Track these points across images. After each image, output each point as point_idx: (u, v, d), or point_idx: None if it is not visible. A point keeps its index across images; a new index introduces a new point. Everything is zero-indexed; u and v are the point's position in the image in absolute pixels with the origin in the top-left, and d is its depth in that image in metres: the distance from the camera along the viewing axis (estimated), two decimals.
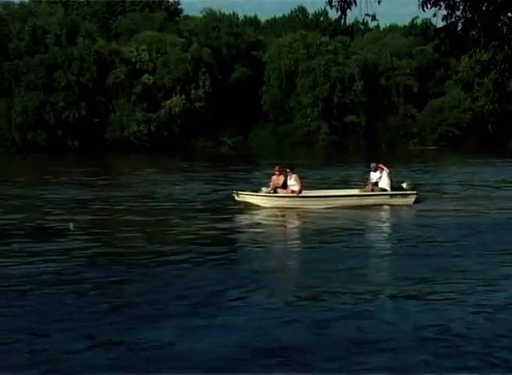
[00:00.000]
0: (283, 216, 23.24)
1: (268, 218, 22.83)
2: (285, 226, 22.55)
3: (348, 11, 8.53)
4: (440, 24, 8.53)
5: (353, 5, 8.48)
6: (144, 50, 61.28)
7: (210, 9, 71.22)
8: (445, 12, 8.40)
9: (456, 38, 8.45)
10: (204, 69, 61.98)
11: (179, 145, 59.23)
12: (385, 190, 25.40)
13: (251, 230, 20.41)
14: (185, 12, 76.47)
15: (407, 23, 76.52)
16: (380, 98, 68.84)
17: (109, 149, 57.18)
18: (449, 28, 8.42)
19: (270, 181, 24.75)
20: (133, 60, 60.78)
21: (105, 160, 50.83)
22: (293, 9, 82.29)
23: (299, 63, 65.98)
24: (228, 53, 66.65)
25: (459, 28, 8.45)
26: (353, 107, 66.65)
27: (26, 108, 55.74)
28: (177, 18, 73.82)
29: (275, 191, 24.49)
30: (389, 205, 24.98)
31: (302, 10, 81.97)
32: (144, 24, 65.30)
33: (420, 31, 9.51)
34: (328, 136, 65.88)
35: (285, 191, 24.47)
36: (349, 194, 25.70)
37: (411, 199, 25.37)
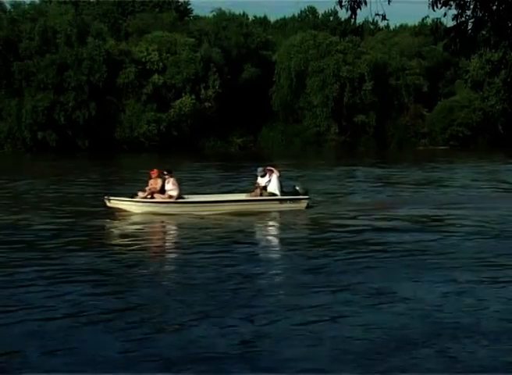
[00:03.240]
0: (157, 223, 21.37)
1: (139, 226, 20.89)
2: (154, 236, 20.34)
3: (358, 11, 8.54)
4: (450, 24, 8.54)
5: (363, 4, 8.49)
6: (153, 50, 61.33)
7: (220, 9, 71.32)
8: (455, 12, 8.40)
9: (467, 38, 8.45)
10: (213, 69, 62.00)
11: (189, 145, 59.30)
12: (274, 194, 23.47)
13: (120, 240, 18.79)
14: (195, 12, 76.61)
15: (416, 23, 76.58)
16: (390, 98, 68.74)
17: (119, 149, 57.30)
18: (460, 28, 8.42)
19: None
20: (143, 60, 60.84)
21: (116, 160, 50.93)
22: (302, 9, 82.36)
23: (309, 63, 65.92)
24: (238, 53, 66.64)
25: (469, 28, 8.44)
26: (362, 107, 66.58)
27: (36, 108, 55.87)
28: (187, 18, 73.87)
29: (152, 197, 22.53)
30: (279, 210, 23.14)
31: (312, 10, 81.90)
32: (154, 24, 65.36)
33: (430, 31, 9.49)
34: (337, 136, 65.86)
35: (162, 195, 22.52)
36: (235, 199, 23.57)
37: (303, 204, 23.50)
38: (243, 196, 23.85)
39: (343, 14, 8.63)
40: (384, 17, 8.79)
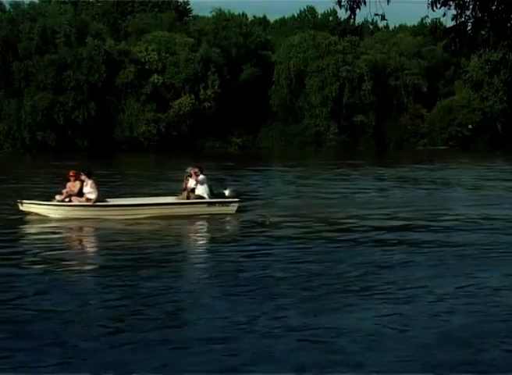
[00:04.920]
0: (74, 229, 20.13)
1: (53, 231, 19.43)
2: (68, 243, 18.91)
3: (357, 11, 8.53)
4: (450, 24, 8.53)
5: (363, 4, 8.48)
6: (153, 50, 61.35)
7: (219, 9, 71.30)
8: (454, 12, 8.39)
9: (466, 38, 8.44)
10: (213, 69, 61.99)
11: (188, 145, 59.26)
12: (202, 197, 22.38)
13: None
14: (194, 12, 76.68)
15: (416, 23, 76.67)
16: (389, 98, 68.78)
17: (118, 149, 57.29)
18: (459, 28, 8.41)
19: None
20: (143, 60, 60.85)
21: (115, 160, 50.93)
22: (302, 9, 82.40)
23: (308, 63, 65.96)
24: (237, 53, 66.65)
25: (469, 28, 8.43)
26: (362, 107, 66.61)
27: (35, 108, 55.88)
28: (186, 18, 73.90)
29: (70, 200, 21.18)
30: (207, 214, 21.98)
31: (311, 10, 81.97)
32: (154, 24, 65.36)
33: (429, 31, 9.50)
34: (337, 136, 65.88)
35: (80, 199, 21.21)
36: (160, 202, 22.36)
37: (233, 208, 22.37)
38: (169, 199, 22.60)
39: (343, 14, 8.60)
40: (383, 17, 8.79)
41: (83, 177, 21.27)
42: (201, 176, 22.47)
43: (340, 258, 15.70)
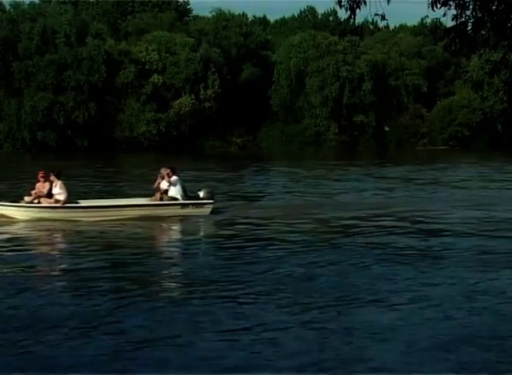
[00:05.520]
0: (41, 231, 19.39)
1: (20, 233, 18.95)
2: (36, 246, 18.16)
3: (357, 11, 8.52)
4: (450, 24, 8.52)
5: (363, 4, 8.48)
6: (153, 50, 61.34)
7: (219, 9, 71.28)
8: (454, 12, 8.38)
9: (466, 38, 8.43)
10: (213, 69, 61.99)
11: (189, 145, 59.28)
12: (175, 199, 21.84)
13: None
14: (194, 12, 76.63)
15: (416, 23, 76.64)
16: (389, 98, 68.78)
17: (119, 149, 57.28)
18: (459, 28, 8.41)
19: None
20: (143, 60, 60.84)
21: (115, 160, 50.95)
22: (302, 9, 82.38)
23: (308, 63, 65.96)
24: (237, 53, 66.65)
25: (469, 28, 8.43)
26: (362, 107, 66.61)
27: (35, 108, 55.89)
28: (186, 18, 73.89)
29: (39, 201, 20.57)
30: (180, 215, 21.46)
31: (311, 10, 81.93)
32: (154, 24, 65.36)
33: (429, 31, 9.50)
34: (337, 136, 65.87)
35: (49, 200, 20.62)
36: (132, 204, 21.79)
37: (207, 209, 21.87)
38: (142, 201, 22.03)
39: (343, 14, 8.59)
40: (383, 17, 8.79)
41: (52, 178, 20.73)
42: (174, 177, 22.00)
43: (316, 260, 15.43)
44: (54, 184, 20.72)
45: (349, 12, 8.53)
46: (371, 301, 12.14)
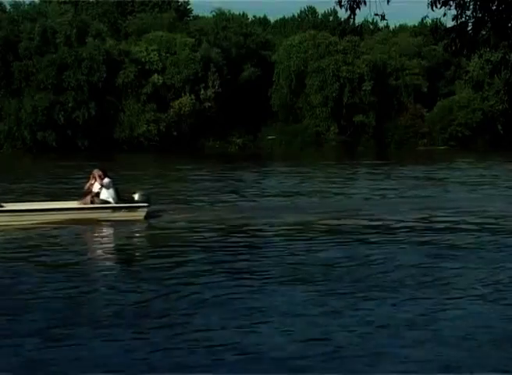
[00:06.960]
0: None
1: None
2: None
3: (357, 11, 8.53)
4: (450, 24, 8.53)
5: (363, 4, 8.48)
6: (153, 50, 61.30)
7: (219, 9, 71.29)
8: (455, 12, 8.39)
9: (467, 38, 8.44)
10: (213, 69, 61.96)
11: (189, 145, 59.28)
12: (107, 202, 20.93)
13: None
14: (194, 12, 76.59)
15: (416, 23, 76.59)
16: (389, 98, 68.72)
17: (119, 149, 57.24)
18: (460, 28, 8.41)
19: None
20: (143, 60, 60.81)
21: (115, 160, 50.93)
22: (302, 9, 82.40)
23: (308, 63, 65.92)
24: (237, 53, 66.64)
25: (469, 28, 8.43)
26: (362, 107, 66.57)
27: (35, 108, 55.85)
28: (187, 18, 73.83)
29: None
30: (112, 220, 20.39)
31: (311, 10, 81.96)
32: (154, 24, 65.33)
33: (430, 31, 9.48)
34: (337, 136, 65.85)
35: None
36: (61, 207, 20.65)
37: (142, 213, 20.89)
38: (71, 204, 21.05)
39: (343, 14, 8.59)
40: (383, 17, 8.80)
41: None
42: (106, 180, 21.13)
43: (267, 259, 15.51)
44: None
45: (349, 12, 8.54)
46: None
